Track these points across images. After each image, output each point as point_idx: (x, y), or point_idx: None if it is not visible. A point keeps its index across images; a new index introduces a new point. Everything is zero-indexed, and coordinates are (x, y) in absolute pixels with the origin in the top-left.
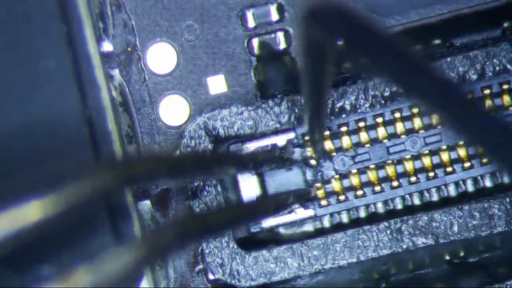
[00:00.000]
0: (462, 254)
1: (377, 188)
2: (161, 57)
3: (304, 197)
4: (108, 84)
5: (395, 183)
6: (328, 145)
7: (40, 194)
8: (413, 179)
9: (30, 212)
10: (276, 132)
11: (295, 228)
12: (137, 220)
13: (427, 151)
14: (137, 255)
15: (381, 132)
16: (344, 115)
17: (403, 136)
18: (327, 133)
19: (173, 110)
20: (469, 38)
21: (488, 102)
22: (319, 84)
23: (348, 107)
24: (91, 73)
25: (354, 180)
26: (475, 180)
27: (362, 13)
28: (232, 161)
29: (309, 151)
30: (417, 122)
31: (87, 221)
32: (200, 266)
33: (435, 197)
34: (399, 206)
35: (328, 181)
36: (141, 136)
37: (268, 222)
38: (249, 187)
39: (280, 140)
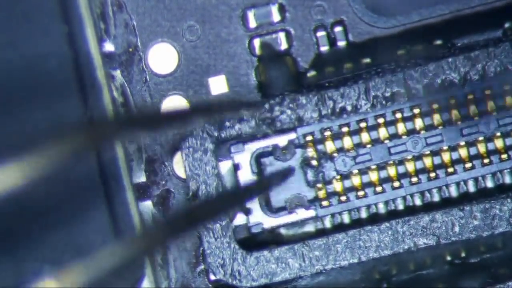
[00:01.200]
0: (463, 254)
1: (379, 189)
2: (162, 58)
3: (284, 175)
4: (110, 84)
5: (396, 184)
6: (330, 145)
7: (18, 156)
8: (414, 179)
9: (8, 176)
10: (277, 132)
11: (296, 229)
12: (138, 220)
13: (428, 152)
14: (134, 248)
15: (382, 132)
16: (345, 116)
17: (404, 137)
18: (328, 133)
19: None
20: (471, 38)
21: (490, 103)
22: None
23: (349, 107)
24: (93, 73)
25: (356, 181)
26: (476, 181)
27: None
28: (202, 111)
29: (310, 152)
30: (418, 123)
31: (89, 221)
32: (202, 267)
33: (436, 198)
34: (401, 206)
35: (329, 182)
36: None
37: (269, 223)
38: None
39: (281, 140)
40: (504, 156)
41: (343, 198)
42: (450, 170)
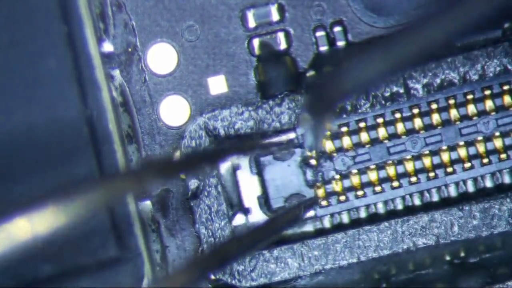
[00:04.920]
0: (462, 254)
1: (378, 188)
2: (161, 58)
3: (311, 205)
4: (109, 84)
5: (395, 184)
6: (329, 145)
7: (30, 209)
8: (413, 179)
9: (20, 228)
10: (276, 132)
11: (295, 228)
12: (138, 221)
13: (427, 151)
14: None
15: (382, 132)
16: (344, 115)
17: (403, 137)
18: (328, 133)
19: (174, 111)
20: (470, 38)
21: (489, 103)
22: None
23: (348, 107)
24: (92, 73)
25: (355, 180)
26: (475, 181)
27: None
28: (231, 150)
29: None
30: (418, 122)
31: (88, 221)
32: None
33: (435, 198)
34: (400, 206)
35: (328, 181)
36: (141, 136)
37: None
38: (249, 187)
39: (281, 140)
40: (503, 156)
41: (342, 198)
42: (449, 170)
